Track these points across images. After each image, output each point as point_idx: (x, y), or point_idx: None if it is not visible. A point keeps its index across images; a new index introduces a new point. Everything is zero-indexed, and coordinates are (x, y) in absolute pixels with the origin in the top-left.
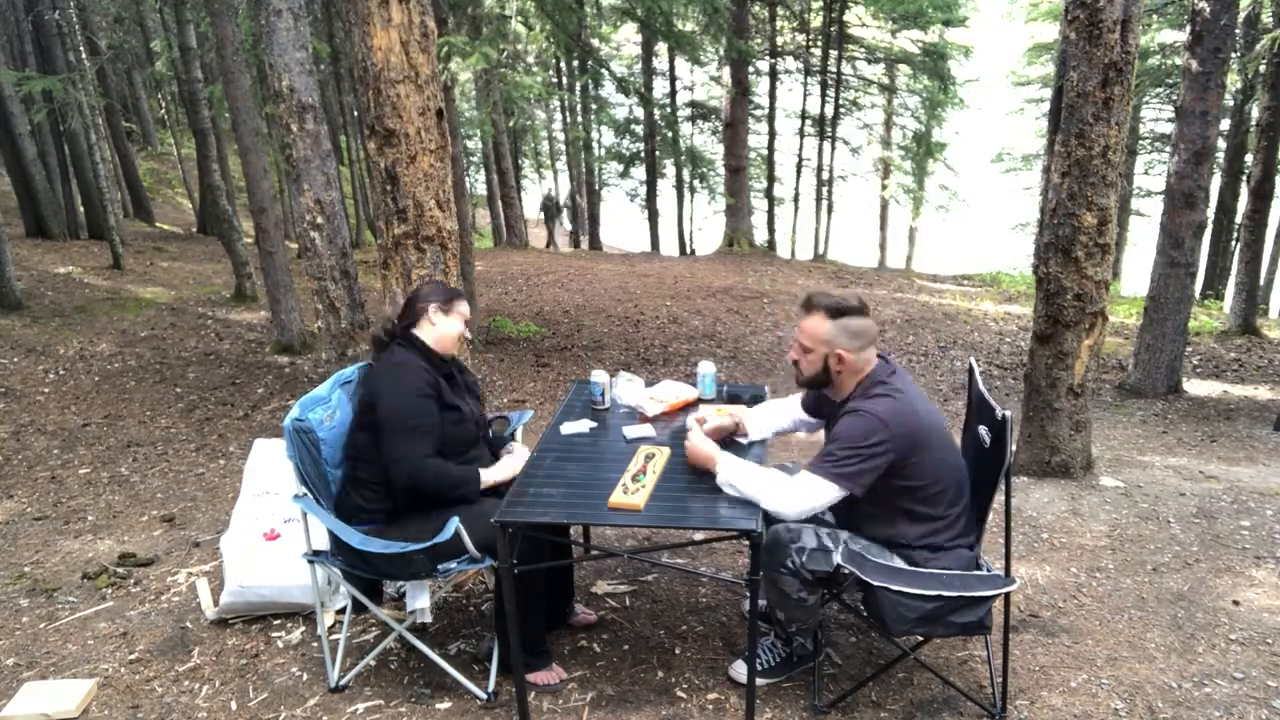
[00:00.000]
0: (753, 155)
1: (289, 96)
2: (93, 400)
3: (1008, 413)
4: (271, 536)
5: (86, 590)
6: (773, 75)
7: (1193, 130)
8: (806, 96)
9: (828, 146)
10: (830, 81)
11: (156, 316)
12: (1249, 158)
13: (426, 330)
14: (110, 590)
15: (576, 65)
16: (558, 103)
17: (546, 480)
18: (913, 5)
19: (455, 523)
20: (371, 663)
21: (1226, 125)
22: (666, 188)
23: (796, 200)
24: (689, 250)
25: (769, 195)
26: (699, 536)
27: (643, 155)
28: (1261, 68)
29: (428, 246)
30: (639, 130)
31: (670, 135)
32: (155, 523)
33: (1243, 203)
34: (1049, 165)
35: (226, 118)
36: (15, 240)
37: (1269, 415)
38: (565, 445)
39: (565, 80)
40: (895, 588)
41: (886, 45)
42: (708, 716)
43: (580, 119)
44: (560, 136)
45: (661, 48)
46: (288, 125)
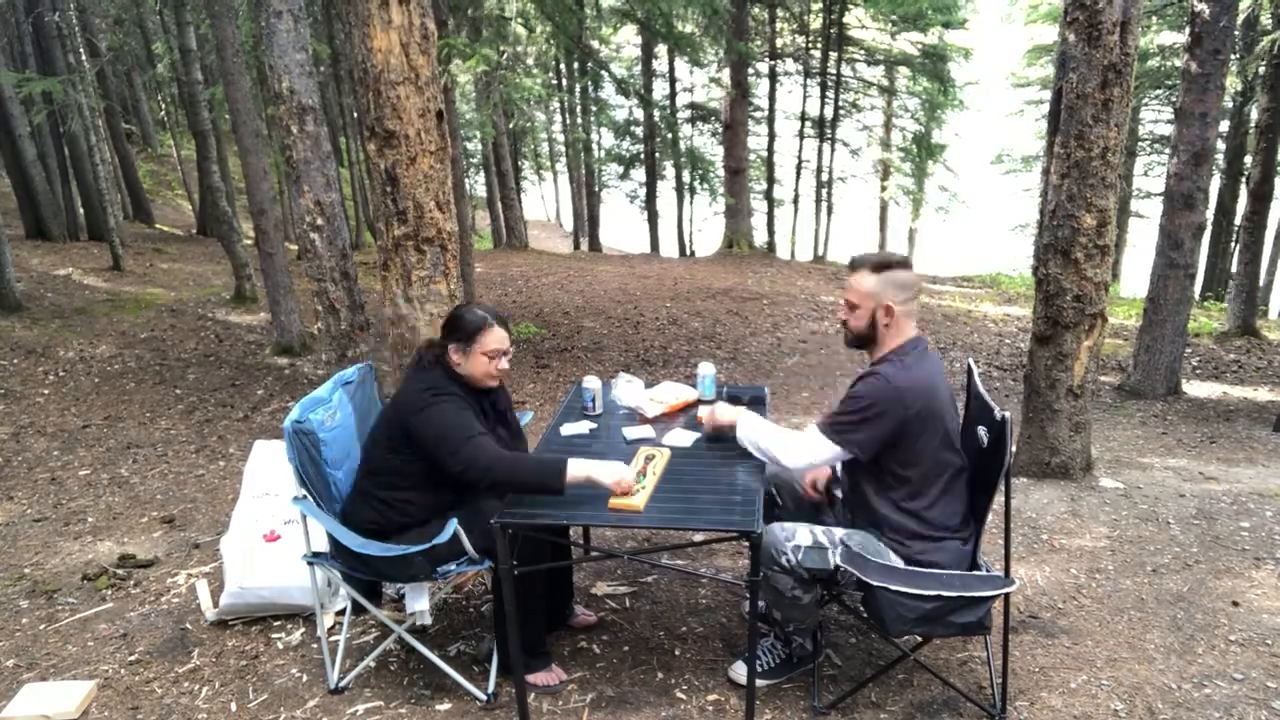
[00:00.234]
0: (752, 157)
1: (289, 98)
2: (92, 402)
3: (1007, 414)
4: (271, 538)
5: (86, 592)
6: (772, 77)
7: (1192, 132)
8: (806, 98)
9: (827, 148)
10: (830, 83)
11: (156, 318)
12: (1248, 159)
13: (455, 367)
14: (110, 592)
15: (576, 67)
16: (558, 104)
17: None
18: (912, 7)
19: (454, 524)
20: (371, 664)
21: (1226, 127)
22: (666, 189)
23: (796, 202)
24: (689, 252)
25: (769, 197)
26: (699, 538)
27: (642, 157)
28: (1260, 69)
29: (428, 248)
30: (639, 132)
31: (670, 137)
32: (155, 524)
33: (1242, 204)
34: (1048, 167)
35: (226, 119)
36: (15, 242)
37: (1268, 416)
38: (565, 446)
39: (565, 82)
40: (894, 588)
41: (886, 47)
42: (708, 717)
43: (580, 121)
44: (560, 138)
45: (661, 49)
46: (288, 127)
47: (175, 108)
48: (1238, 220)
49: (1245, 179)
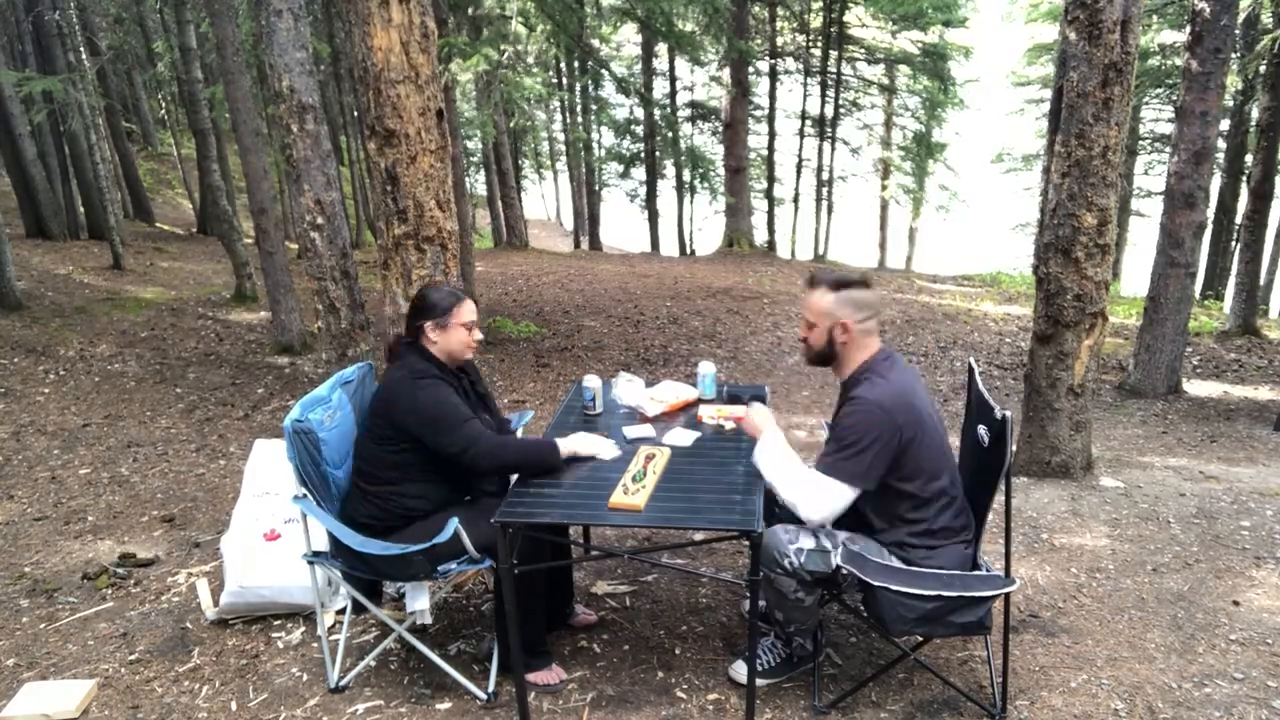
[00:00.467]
0: (753, 155)
1: (289, 97)
2: (93, 400)
3: (1008, 413)
4: (272, 537)
5: (86, 591)
6: (773, 75)
7: (1193, 130)
8: (806, 97)
9: (828, 147)
10: (830, 82)
11: (156, 317)
12: (1249, 158)
13: (431, 347)
14: (110, 591)
15: (577, 66)
16: (558, 103)
17: (546, 480)
18: (912, 6)
19: (454, 523)
20: (371, 663)
21: (1226, 125)
22: (666, 188)
23: (796, 200)
24: (689, 250)
25: (769, 195)
26: (699, 537)
27: (643, 155)
28: (1261, 68)
29: (428, 247)
30: (639, 130)
31: (670, 135)
32: (155, 523)
33: (1243, 203)
34: (1049, 165)
35: (227, 118)
36: (15, 240)
37: (1269, 415)
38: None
39: (565, 81)
40: (895, 588)
41: (886, 46)
42: (708, 717)
43: (580, 119)
44: (560, 137)
45: (662, 48)
46: (288, 125)
47: (175, 106)
48: (1238, 219)
49: (1246, 178)
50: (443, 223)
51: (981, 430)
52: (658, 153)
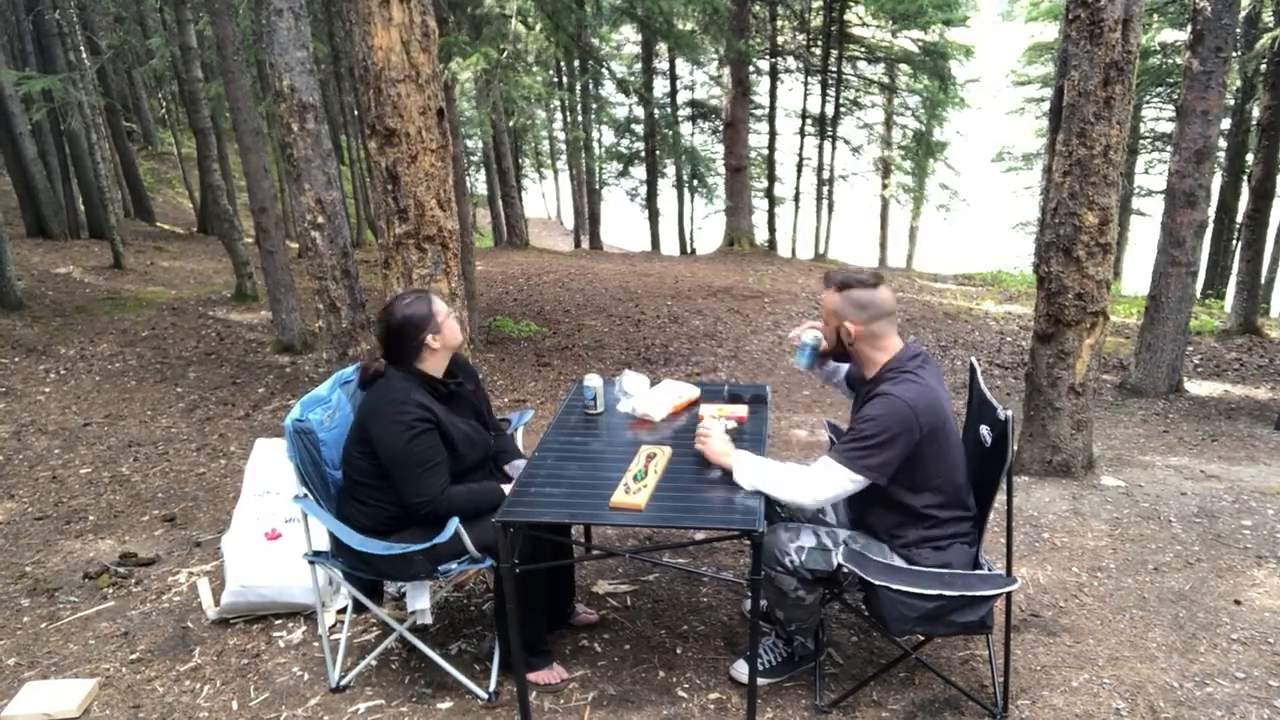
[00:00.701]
0: (753, 155)
1: (289, 96)
2: (93, 400)
3: (1009, 412)
4: (273, 536)
5: (87, 590)
6: (773, 75)
7: (1194, 129)
8: (807, 96)
9: (828, 146)
10: (830, 81)
11: (157, 316)
12: (1250, 157)
13: (429, 361)
14: (111, 590)
15: (576, 65)
16: (558, 102)
17: (547, 480)
18: (912, 5)
19: (455, 523)
20: (372, 663)
21: (1227, 124)
22: (667, 187)
23: (797, 200)
24: (689, 250)
25: (769, 195)
26: (700, 536)
27: (643, 155)
28: (1262, 67)
29: (429, 246)
30: (639, 130)
31: (670, 135)
32: (156, 522)
33: (1244, 202)
34: (1050, 165)
35: (227, 117)
36: (16, 240)
37: (1270, 414)
38: (566, 445)
39: (565, 80)
40: (896, 587)
41: (887, 45)
42: (709, 716)
43: (580, 118)
44: (560, 136)
45: (662, 47)
46: (288, 125)
47: (175, 105)
48: (1239, 218)
49: (1247, 176)
50: (443, 222)
51: (983, 429)
52: (658, 152)
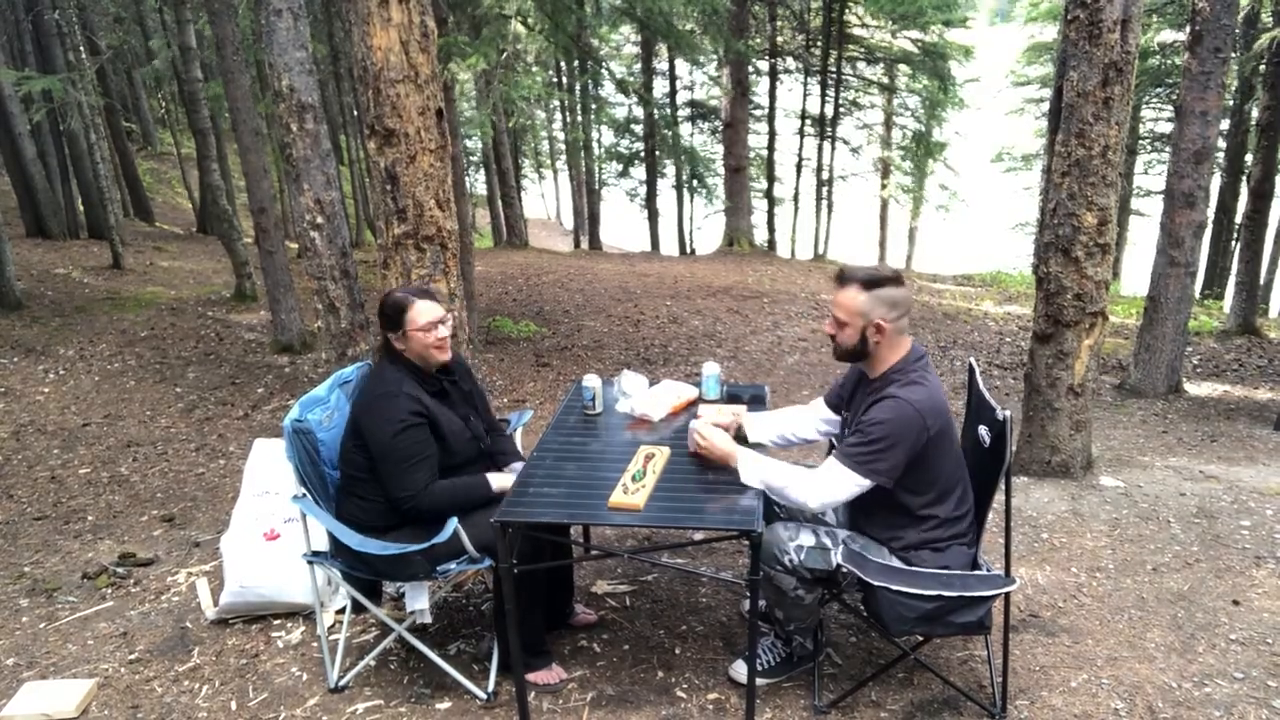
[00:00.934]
0: (752, 155)
1: (289, 96)
2: (92, 400)
3: (1008, 412)
4: (271, 536)
5: (86, 590)
6: (772, 75)
7: (1193, 130)
8: (806, 96)
9: (827, 146)
10: (830, 81)
11: (156, 316)
12: (1249, 157)
13: (404, 354)
14: (110, 590)
15: (576, 65)
16: (557, 103)
17: (546, 480)
18: (912, 5)
19: (454, 523)
20: (371, 663)
21: (1226, 125)
22: (666, 187)
23: (796, 200)
24: (689, 250)
25: (769, 195)
26: (699, 536)
27: (642, 155)
28: (1261, 67)
29: (428, 246)
30: (639, 130)
31: (670, 135)
32: (155, 523)
33: (1243, 202)
34: (1049, 165)
35: (226, 117)
36: (15, 240)
37: (1269, 415)
38: (564, 445)
39: (565, 80)
40: (895, 588)
41: (886, 45)
42: (708, 716)
43: (580, 119)
44: (560, 136)
45: (661, 48)
46: (287, 125)
47: (175, 105)
48: (1238, 218)
49: (1246, 177)
50: (442, 222)
51: (982, 430)
52: (657, 152)
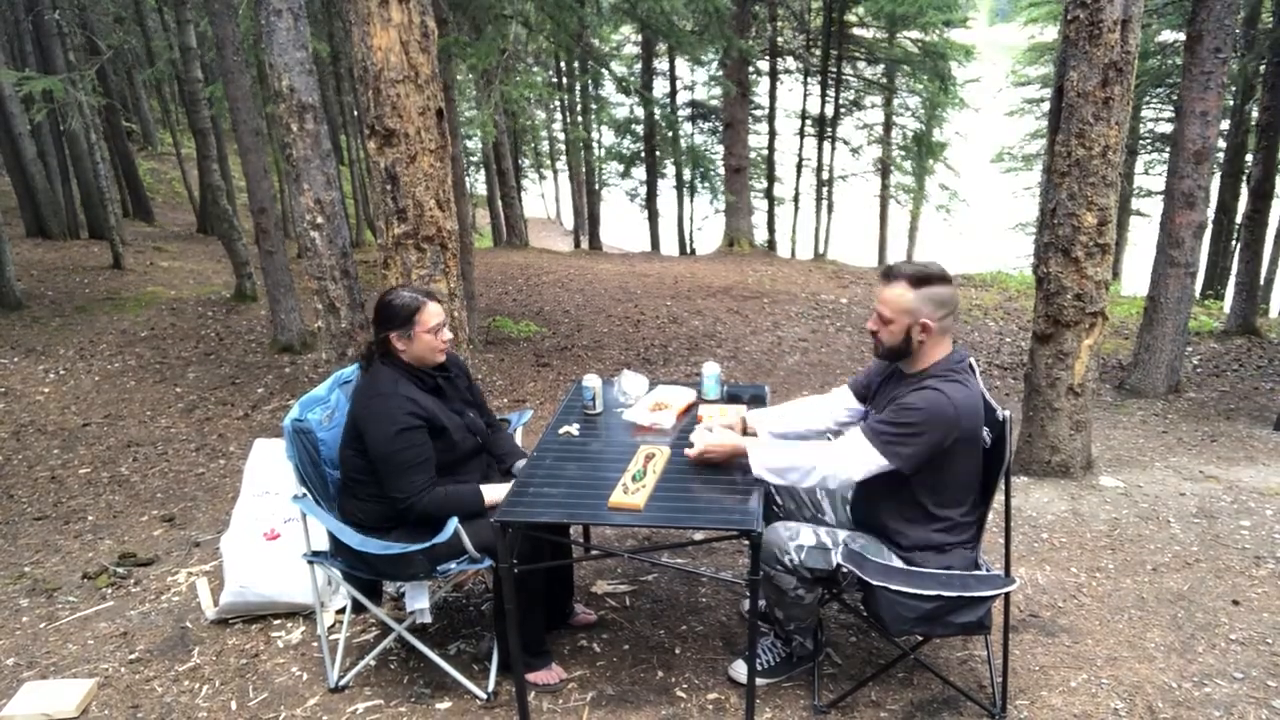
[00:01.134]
0: (753, 155)
1: (289, 96)
2: (93, 400)
3: (1008, 413)
4: (272, 536)
5: (86, 590)
6: (773, 75)
7: (1193, 130)
8: (806, 96)
9: (828, 146)
10: (830, 81)
11: (156, 316)
12: (1249, 157)
13: (400, 355)
14: (110, 590)
15: (577, 65)
16: (558, 103)
17: (546, 480)
18: (912, 6)
19: (454, 523)
20: (371, 663)
21: (1226, 125)
22: (667, 188)
23: (796, 200)
24: (689, 250)
25: (769, 195)
26: (699, 536)
27: (643, 155)
28: (1261, 67)
29: (428, 246)
30: (639, 130)
31: (670, 135)
32: (155, 522)
33: (1243, 202)
34: (1049, 165)
35: (227, 117)
36: (15, 240)
37: (1269, 415)
38: (564, 445)
39: (565, 80)
40: (895, 587)
41: (886, 46)
42: (708, 716)
43: (581, 119)
44: (560, 136)
45: (662, 48)
46: (287, 125)
47: (175, 106)
48: (1238, 219)
49: (1246, 177)
50: (442, 222)
51: (983, 431)
52: (658, 152)
